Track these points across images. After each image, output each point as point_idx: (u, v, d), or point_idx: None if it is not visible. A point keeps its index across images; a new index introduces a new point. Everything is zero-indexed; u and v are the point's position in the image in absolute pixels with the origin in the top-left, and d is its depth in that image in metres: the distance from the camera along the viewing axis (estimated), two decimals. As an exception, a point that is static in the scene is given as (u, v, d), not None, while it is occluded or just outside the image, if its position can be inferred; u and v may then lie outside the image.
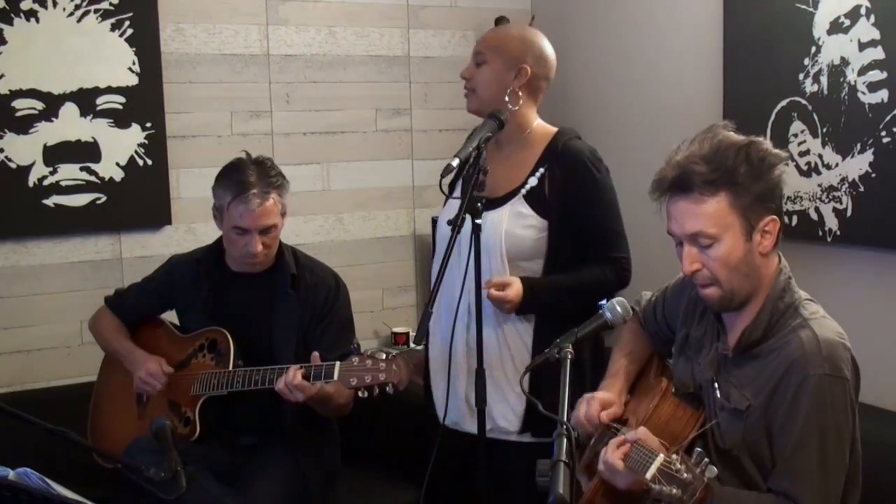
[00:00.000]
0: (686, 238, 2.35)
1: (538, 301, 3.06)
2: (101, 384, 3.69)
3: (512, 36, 3.19)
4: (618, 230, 3.15)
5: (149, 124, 4.17)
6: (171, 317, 3.66)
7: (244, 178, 3.27)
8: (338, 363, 3.08)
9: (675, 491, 2.07)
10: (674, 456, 2.14)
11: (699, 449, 2.14)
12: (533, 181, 3.13)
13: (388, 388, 3.02)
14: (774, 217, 2.34)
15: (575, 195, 3.09)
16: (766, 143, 2.36)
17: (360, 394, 3.04)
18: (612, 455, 2.28)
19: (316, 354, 3.16)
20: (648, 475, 2.12)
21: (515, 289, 3.03)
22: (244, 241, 3.29)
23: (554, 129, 3.22)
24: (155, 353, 3.49)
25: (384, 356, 3.04)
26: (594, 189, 3.11)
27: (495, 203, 3.11)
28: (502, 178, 3.12)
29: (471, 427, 3.06)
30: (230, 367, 3.28)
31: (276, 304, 3.42)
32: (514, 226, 3.09)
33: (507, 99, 3.13)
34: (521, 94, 3.15)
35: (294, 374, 3.10)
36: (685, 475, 2.08)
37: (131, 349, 3.51)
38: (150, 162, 4.19)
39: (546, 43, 3.21)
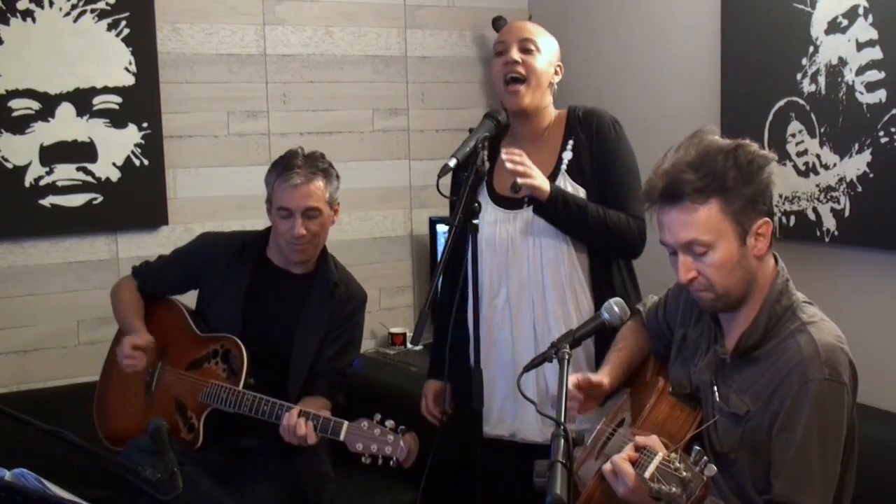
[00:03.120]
0: (680, 247, 2.34)
1: (565, 196, 3.00)
2: (111, 361, 3.64)
3: (547, 32, 3.19)
4: (634, 192, 3.08)
5: (145, 124, 4.17)
6: (188, 301, 3.64)
7: (292, 160, 3.37)
8: (346, 423, 3.07)
9: (674, 489, 2.06)
10: (672, 455, 2.13)
11: (698, 447, 2.13)
12: (568, 154, 3.12)
13: (391, 463, 3.02)
14: (767, 219, 2.33)
15: (599, 151, 3.10)
16: (754, 144, 2.35)
17: (363, 459, 3.03)
18: (621, 459, 2.25)
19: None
20: (647, 474, 2.11)
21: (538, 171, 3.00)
22: (288, 224, 3.32)
23: (564, 110, 3.22)
24: (168, 343, 3.47)
25: (392, 426, 3.02)
26: (615, 145, 3.11)
27: None
28: (537, 164, 3.06)
29: (533, 436, 3.12)
30: (240, 386, 3.26)
31: (307, 307, 3.44)
32: None
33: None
34: (553, 89, 3.19)
35: (298, 423, 3.10)
36: (684, 473, 2.07)
37: (138, 328, 3.47)
38: (146, 162, 4.18)
39: None
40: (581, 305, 3.09)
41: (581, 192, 3.08)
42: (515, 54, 3.11)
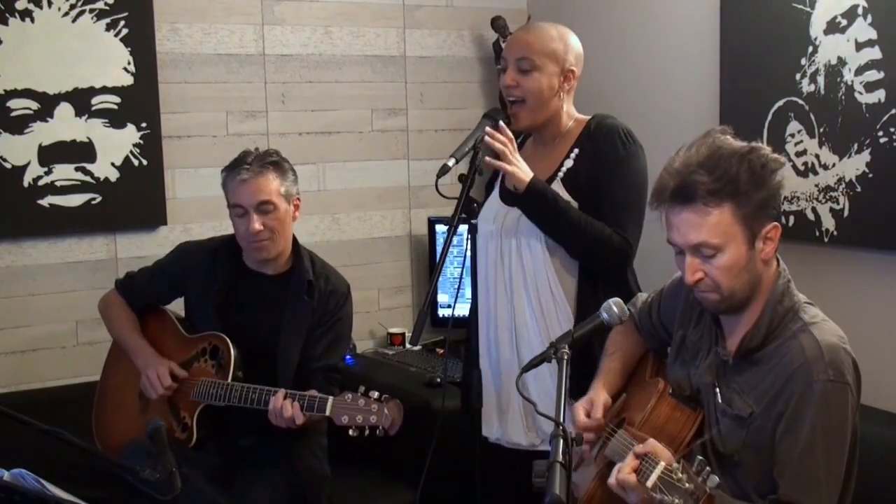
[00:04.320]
0: (688, 248, 2.32)
1: (544, 191, 2.95)
2: (108, 371, 3.67)
3: (554, 37, 3.09)
4: (628, 211, 3.03)
5: (144, 124, 4.16)
6: (176, 307, 3.65)
7: (242, 158, 3.36)
8: (331, 398, 3.10)
9: (676, 500, 2.05)
10: (675, 464, 2.12)
11: (700, 457, 2.12)
12: (568, 163, 3.08)
13: (377, 432, 3.04)
14: (776, 224, 2.32)
15: (598, 166, 3.03)
16: (766, 148, 2.33)
17: (350, 432, 3.05)
18: (625, 472, 2.23)
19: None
20: (649, 483, 2.10)
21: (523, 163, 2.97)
22: (244, 222, 3.31)
23: (588, 116, 3.16)
24: (159, 348, 3.48)
25: (377, 395, 3.05)
26: (616, 162, 3.03)
27: None
28: (539, 171, 3.04)
29: (518, 438, 3.12)
30: (229, 380, 3.27)
31: (287, 307, 3.43)
32: None
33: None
34: (563, 96, 3.12)
35: (284, 404, 3.12)
36: (687, 484, 2.06)
37: (142, 346, 3.49)
38: (145, 162, 4.17)
39: (575, 37, 3.16)
40: (560, 315, 3.05)
41: (570, 201, 3.03)
42: (510, 77, 3.06)
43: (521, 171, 2.95)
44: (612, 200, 3.02)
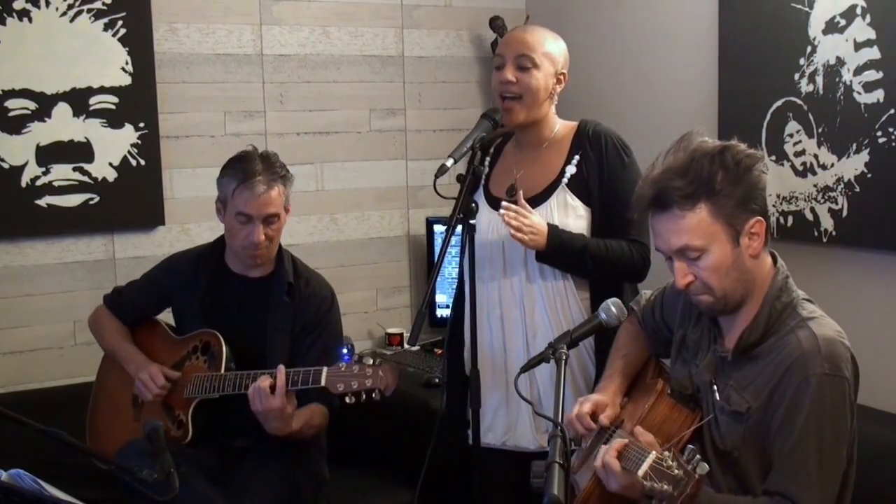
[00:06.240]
0: (674, 253, 2.36)
1: (563, 244, 2.98)
2: (100, 383, 3.68)
3: (550, 38, 3.13)
4: (640, 217, 3.05)
5: (142, 124, 4.16)
6: (166, 317, 3.64)
7: (251, 166, 3.32)
8: (325, 368, 3.09)
9: (666, 487, 2.08)
10: (666, 453, 2.14)
11: (691, 446, 2.14)
12: (571, 169, 3.10)
13: (374, 395, 3.04)
14: (759, 218, 2.33)
15: (607, 175, 3.07)
16: (741, 145, 2.36)
17: (347, 399, 3.05)
18: (609, 455, 2.28)
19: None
20: (640, 472, 2.13)
21: (537, 219, 2.98)
22: (247, 230, 3.31)
23: (575, 122, 3.19)
24: (150, 354, 3.49)
25: (371, 361, 3.05)
26: (622, 170, 3.07)
27: (534, 201, 3.08)
28: (537, 175, 3.08)
29: (526, 443, 3.12)
30: (222, 371, 3.27)
31: (270, 309, 3.43)
32: (566, 217, 3.06)
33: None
34: (554, 98, 3.15)
35: (262, 379, 3.11)
36: (676, 471, 2.09)
37: (133, 353, 3.50)
38: (143, 162, 4.17)
39: (563, 41, 3.19)
40: (573, 315, 3.07)
41: (580, 206, 3.06)
42: (510, 73, 3.07)
43: (537, 238, 2.96)
44: (622, 209, 3.04)
